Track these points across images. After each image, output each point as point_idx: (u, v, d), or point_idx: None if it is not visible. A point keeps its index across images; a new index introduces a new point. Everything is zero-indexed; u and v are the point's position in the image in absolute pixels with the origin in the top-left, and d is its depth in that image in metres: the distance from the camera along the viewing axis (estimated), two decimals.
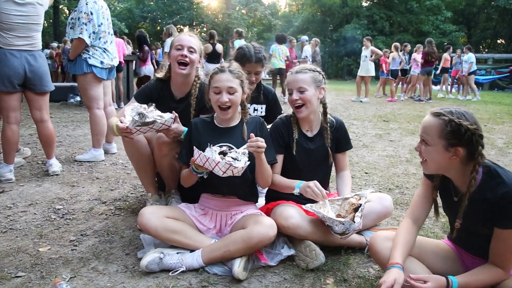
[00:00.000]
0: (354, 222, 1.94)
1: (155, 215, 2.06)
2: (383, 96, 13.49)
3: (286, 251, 2.10)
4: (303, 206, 2.12)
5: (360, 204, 2.02)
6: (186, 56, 2.45)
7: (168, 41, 8.70)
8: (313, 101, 2.24)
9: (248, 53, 2.67)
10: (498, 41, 33.10)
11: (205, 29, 31.18)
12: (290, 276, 1.97)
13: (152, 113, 2.24)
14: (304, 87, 2.21)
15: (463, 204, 1.62)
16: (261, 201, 2.54)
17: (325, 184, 2.48)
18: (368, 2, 33.19)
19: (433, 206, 1.85)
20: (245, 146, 2.01)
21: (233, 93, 2.12)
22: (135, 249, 2.22)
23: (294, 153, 2.27)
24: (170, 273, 1.94)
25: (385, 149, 5.00)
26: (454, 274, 1.77)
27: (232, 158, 1.94)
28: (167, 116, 2.27)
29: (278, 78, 10.45)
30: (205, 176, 2.07)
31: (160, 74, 2.67)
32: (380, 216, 2.37)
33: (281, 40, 10.10)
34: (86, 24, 3.83)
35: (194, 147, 1.98)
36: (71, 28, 3.92)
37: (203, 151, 1.93)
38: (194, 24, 31.40)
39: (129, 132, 2.21)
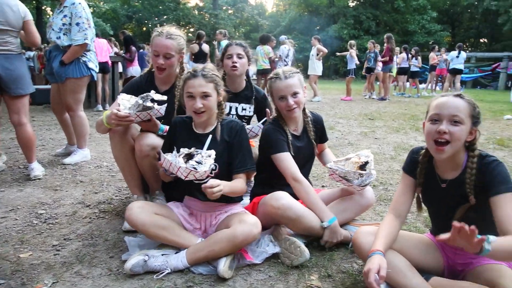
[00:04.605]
0: (372, 174, 2.27)
1: (144, 210, 2.04)
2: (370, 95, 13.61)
3: (271, 249, 2.10)
4: (328, 165, 2.39)
5: (366, 162, 2.30)
6: (162, 64, 2.52)
7: None
8: (303, 101, 2.34)
9: (230, 42, 2.87)
10: (481, 40, 33.69)
11: (192, 29, 31.07)
12: (275, 273, 1.97)
13: (155, 95, 2.36)
14: (296, 90, 2.28)
15: (464, 186, 1.64)
16: (246, 200, 2.54)
17: (307, 178, 2.52)
18: (355, 2, 33.45)
19: (415, 201, 1.88)
20: (206, 149, 2.03)
21: (207, 98, 2.09)
22: (120, 251, 2.20)
23: (292, 153, 2.30)
24: (155, 276, 1.92)
25: (370, 147, 5.03)
26: (436, 268, 1.82)
27: (196, 162, 1.94)
28: (164, 97, 2.39)
29: (263, 78, 10.45)
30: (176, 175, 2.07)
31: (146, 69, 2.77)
32: (362, 208, 2.42)
33: (264, 40, 10.12)
34: (87, 29, 3.93)
35: (160, 151, 2.00)
36: (64, 34, 3.92)
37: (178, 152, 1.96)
38: (180, 24, 31.28)
39: (129, 118, 2.31)
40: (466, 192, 1.65)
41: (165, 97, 2.40)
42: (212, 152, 1.99)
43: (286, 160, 2.25)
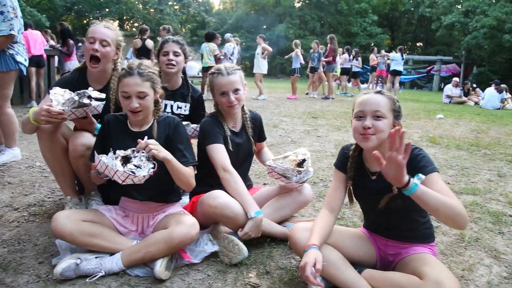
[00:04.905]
0: (309, 171, 2.34)
1: (70, 219, 1.94)
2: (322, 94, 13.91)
3: (210, 248, 2.09)
4: (267, 163, 2.41)
5: (303, 160, 2.36)
6: (97, 50, 2.38)
7: None
8: (243, 98, 2.35)
9: (166, 38, 2.78)
10: (417, 44, 35.93)
11: (136, 24, 30.08)
12: (213, 272, 1.97)
13: (92, 93, 2.24)
14: (238, 87, 2.29)
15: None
16: (186, 199, 2.51)
17: (246, 177, 2.56)
18: (301, 2, 34.22)
19: (347, 195, 1.97)
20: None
21: (144, 97, 2.01)
22: (50, 256, 2.08)
23: (231, 149, 2.31)
24: (87, 279, 1.85)
25: (312, 145, 5.17)
26: (369, 260, 1.91)
27: (135, 165, 1.88)
28: (102, 96, 2.28)
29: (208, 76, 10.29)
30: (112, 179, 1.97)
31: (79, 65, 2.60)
32: (300, 205, 2.49)
33: (210, 37, 10.05)
34: (13, 19, 3.59)
35: (95, 152, 1.91)
36: None
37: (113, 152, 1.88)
38: (124, 18, 30.15)
39: (63, 115, 2.16)
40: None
41: (103, 95, 2.29)
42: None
43: (218, 150, 2.26)
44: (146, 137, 1.98)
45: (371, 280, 1.74)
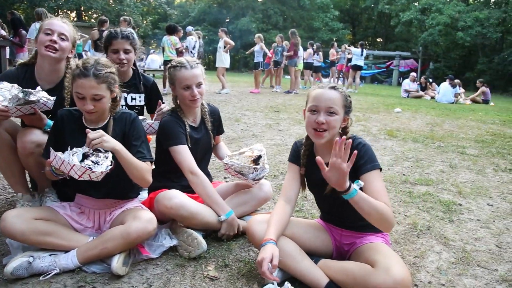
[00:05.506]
0: (265, 168, 2.39)
1: (20, 218, 1.87)
2: (270, 87, 14.01)
3: (169, 242, 2.09)
4: (224, 160, 2.43)
5: (259, 156, 2.38)
6: (55, 42, 2.27)
7: (36, 26, 7.85)
8: (204, 92, 2.34)
9: (114, 32, 2.62)
10: (377, 40, 36.99)
11: (95, 15, 29.00)
12: (172, 267, 1.97)
13: (39, 93, 2.13)
14: (200, 81, 2.29)
15: None
16: (145, 194, 2.48)
17: (206, 171, 2.55)
18: None
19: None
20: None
21: (99, 99, 1.93)
22: (1, 256, 2.00)
23: (190, 145, 2.29)
24: (41, 277, 1.80)
25: (273, 138, 5.23)
26: (326, 250, 1.97)
27: (92, 161, 1.83)
28: (51, 97, 2.18)
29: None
30: (68, 177, 1.90)
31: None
32: (260, 202, 2.52)
33: (171, 30, 9.88)
34: None
35: (51, 148, 1.85)
36: None
37: (67, 150, 1.83)
38: (82, 10, 28.96)
39: (6, 112, 2.07)
40: None
41: (52, 98, 2.18)
42: (109, 154, 1.89)
43: (184, 153, 2.24)
44: (100, 130, 1.92)
45: (326, 269, 1.80)
